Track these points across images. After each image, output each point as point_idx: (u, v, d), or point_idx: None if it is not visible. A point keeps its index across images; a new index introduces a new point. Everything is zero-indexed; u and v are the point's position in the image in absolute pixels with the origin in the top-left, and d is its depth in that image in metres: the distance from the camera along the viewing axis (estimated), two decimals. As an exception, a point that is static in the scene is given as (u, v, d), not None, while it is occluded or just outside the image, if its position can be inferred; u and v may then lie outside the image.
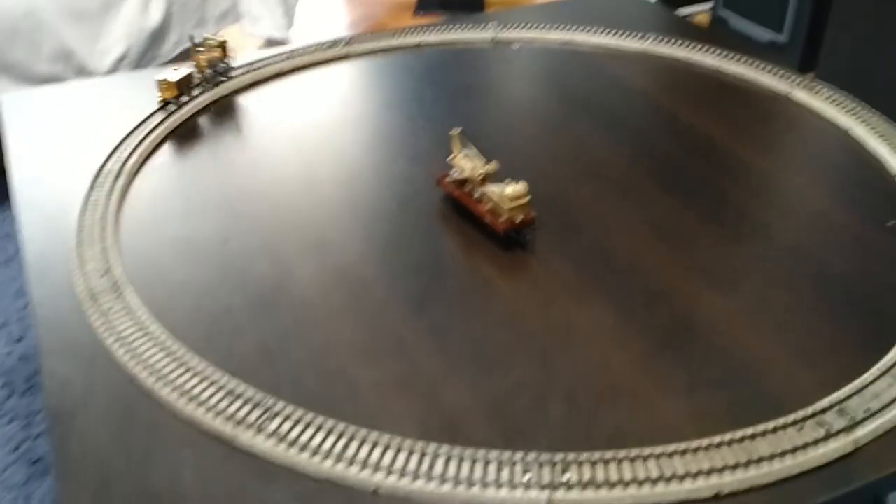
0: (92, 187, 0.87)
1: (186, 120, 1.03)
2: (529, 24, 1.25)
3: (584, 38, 1.23)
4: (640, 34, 1.21)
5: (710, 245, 0.82)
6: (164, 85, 1.01)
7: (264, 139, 1.01)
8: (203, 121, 1.04)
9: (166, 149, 0.98)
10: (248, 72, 1.12)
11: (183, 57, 1.75)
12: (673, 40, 1.19)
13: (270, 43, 1.89)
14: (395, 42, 1.23)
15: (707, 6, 2.80)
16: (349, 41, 1.21)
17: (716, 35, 1.25)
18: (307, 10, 2.79)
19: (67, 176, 0.91)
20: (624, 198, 0.90)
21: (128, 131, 0.97)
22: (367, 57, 1.21)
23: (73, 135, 1.00)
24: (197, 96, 1.04)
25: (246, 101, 1.09)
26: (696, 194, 0.90)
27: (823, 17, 2.27)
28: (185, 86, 1.03)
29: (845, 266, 0.79)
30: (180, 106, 1.02)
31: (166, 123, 0.99)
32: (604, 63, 1.19)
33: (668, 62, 1.18)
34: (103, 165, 0.91)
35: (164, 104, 1.01)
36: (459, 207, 0.86)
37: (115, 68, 1.62)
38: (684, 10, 2.89)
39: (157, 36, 1.67)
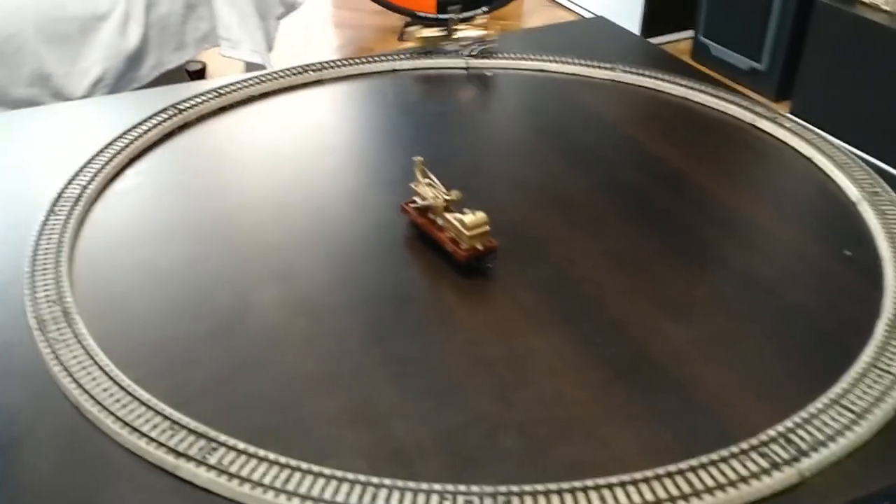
0: (49, 213, 0.87)
1: (151, 145, 1.03)
2: (502, 53, 1.26)
3: (556, 66, 1.24)
4: (610, 64, 1.22)
5: (670, 275, 0.82)
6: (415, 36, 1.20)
7: (230, 165, 1.01)
8: (168, 146, 1.04)
9: (129, 174, 0.98)
10: (218, 96, 1.12)
11: (161, 80, 1.75)
12: (643, 70, 1.20)
13: (250, 67, 1.89)
14: (368, 68, 1.24)
15: (689, 34, 2.84)
16: (322, 66, 1.22)
17: (684, 66, 1.26)
18: (294, 34, 2.80)
19: (28, 202, 0.90)
20: (587, 227, 0.90)
21: (90, 157, 0.97)
22: (339, 82, 1.22)
23: (37, 160, 1.00)
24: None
25: (214, 125, 1.09)
26: (658, 224, 0.90)
27: (799, 47, 2.31)
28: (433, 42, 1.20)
29: (800, 296, 0.79)
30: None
31: (130, 149, 0.99)
32: (574, 91, 1.19)
33: (638, 91, 1.19)
34: (63, 191, 0.90)
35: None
36: (424, 235, 0.87)
37: (91, 91, 1.63)
38: (667, 37, 2.92)
39: (135, 59, 1.67)
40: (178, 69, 1.80)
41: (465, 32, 1.26)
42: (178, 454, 0.60)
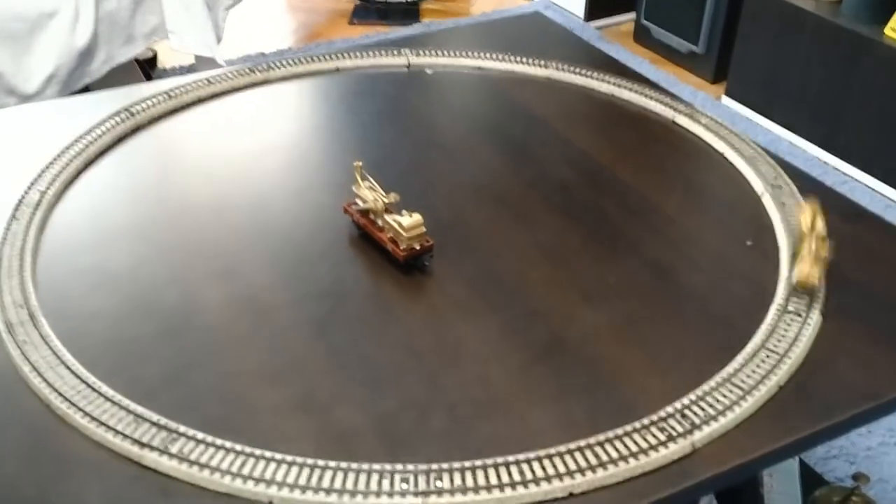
0: (11, 219, 0.92)
1: (106, 148, 1.08)
2: (443, 50, 1.33)
3: (493, 64, 1.31)
4: (544, 61, 1.29)
5: (587, 264, 0.91)
6: None
7: (179, 167, 1.06)
8: (121, 149, 1.09)
9: (85, 178, 1.03)
10: (169, 98, 1.17)
11: (111, 75, 1.78)
12: (575, 68, 1.28)
13: (199, 59, 1.93)
14: (313, 67, 1.29)
15: (631, 16, 2.92)
16: (268, 67, 1.27)
17: (614, 63, 1.34)
18: (245, 19, 2.82)
19: (-12, 208, 0.95)
20: (517, 221, 0.98)
21: (48, 161, 1.01)
22: (285, 82, 1.27)
23: (-6, 165, 1.04)
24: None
25: (165, 128, 1.14)
26: (581, 216, 0.98)
27: (734, 31, 2.40)
28: None
29: (702, 282, 0.88)
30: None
31: (85, 153, 1.04)
32: (509, 89, 1.26)
33: (569, 88, 1.26)
34: (23, 197, 0.95)
35: None
36: (366, 234, 0.93)
37: (43, 88, 1.65)
38: (611, 20, 3.00)
39: (86, 54, 1.70)
40: (129, 63, 1.83)
41: None
42: (143, 445, 0.67)
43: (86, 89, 1.78)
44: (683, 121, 1.16)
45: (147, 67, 2.29)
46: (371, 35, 2.77)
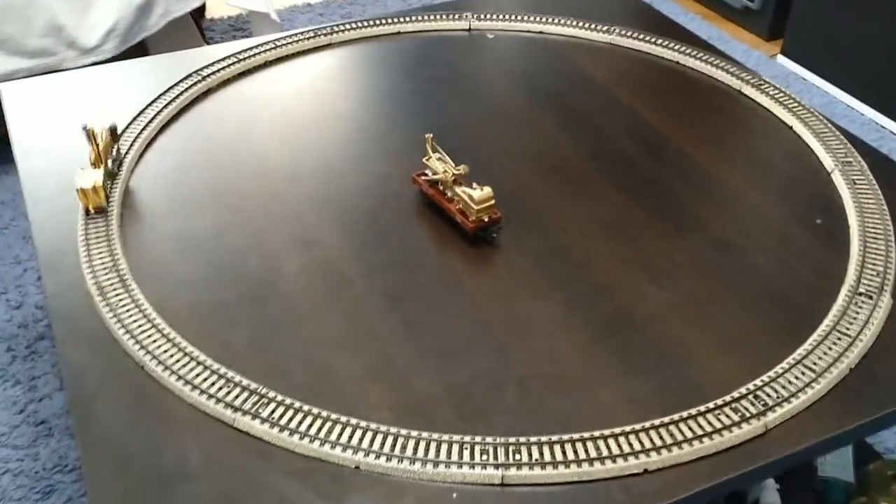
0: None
1: (179, 112, 1.10)
2: (504, 14, 1.32)
3: (555, 28, 1.30)
4: (607, 26, 1.28)
5: (651, 240, 0.92)
6: (84, 194, 0.90)
7: (249, 133, 1.08)
8: (194, 112, 1.11)
9: (161, 142, 1.05)
10: (237, 62, 1.19)
11: (166, 28, 1.79)
12: (637, 33, 1.26)
13: (253, 14, 1.93)
14: (374, 31, 1.30)
15: (684, -30, 2.84)
16: (331, 30, 1.28)
17: (679, 28, 1.32)
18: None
19: (70, 173, 0.98)
20: (580, 195, 0.99)
21: (124, 125, 1.04)
22: (348, 46, 1.28)
23: (74, 126, 1.07)
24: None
25: (234, 91, 1.16)
26: (644, 191, 0.99)
27: (792, -13, 2.34)
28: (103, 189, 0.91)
29: (770, 262, 0.89)
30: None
31: (160, 116, 1.07)
32: (572, 54, 1.26)
33: (632, 55, 1.26)
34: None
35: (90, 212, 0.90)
36: (433, 205, 0.95)
37: (103, 42, 1.67)
38: (662, -27, 2.93)
39: (144, 8, 1.71)
40: (185, 17, 1.83)
41: None
42: (235, 409, 0.70)
43: (142, 43, 1.80)
44: (751, 91, 1.15)
45: (197, 17, 2.30)
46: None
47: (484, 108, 1.15)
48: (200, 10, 2.43)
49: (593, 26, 1.29)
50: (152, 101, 1.09)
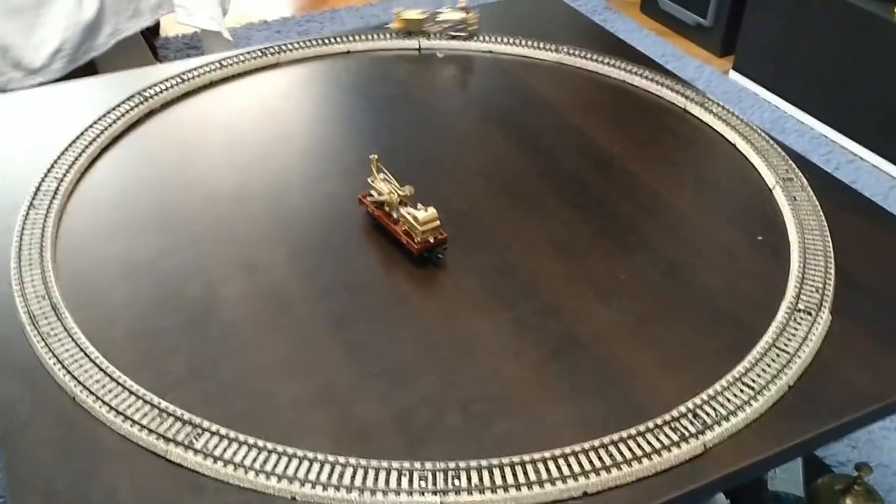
0: (30, 207, 0.92)
1: (120, 134, 1.08)
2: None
3: (503, 48, 1.31)
4: (555, 45, 1.29)
5: (599, 260, 0.92)
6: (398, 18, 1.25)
7: (194, 154, 1.07)
8: (135, 134, 1.09)
9: (101, 165, 1.03)
10: (181, 82, 1.17)
11: (117, 47, 1.77)
12: (585, 53, 1.27)
13: (204, 31, 1.91)
14: (323, 50, 1.29)
15: (638, -13, 2.88)
16: (279, 49, 1.27)
17: (626, 47, 1.34)
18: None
19: (6, 195, 0.96)
20: (529, 214, 0.99)
21: (63, 148, 1.02)
22: (297, 65, 1.27)
23: (10, 150, 1.04)
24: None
25: (178, 112, 1.14)
26: (592, 210, 0.99)
27: (742, 4, 2.38)
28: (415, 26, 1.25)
29: (713, 279, 0.89)
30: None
31: (101, 139, 1.05)
32: (520, 73, 1.26)
33: (580, 74, 1.26)
34: (40, 184, 0.96)
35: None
36: (381, 226, 0.94)
37: (50, 62, 1.64)
38: (617, -9, 2.97)
39: (92, 28, 1.69)
40: (135, 36, 1.81)
41: (447, 15, 1.32)
42: (168, 440, 0.68)
43: (91, 63, 1.77)
44: (695, 109, 1.16)
45: (150, 36, 2.27)
46: (375, 3, 2.74)
47: (434, 128, 1.15)
48: (154, 29, 2.41)
49: (541, 45, 1.29)
50: (92, 124, 1.07)
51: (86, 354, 0.75)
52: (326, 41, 1.29)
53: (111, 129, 1.07)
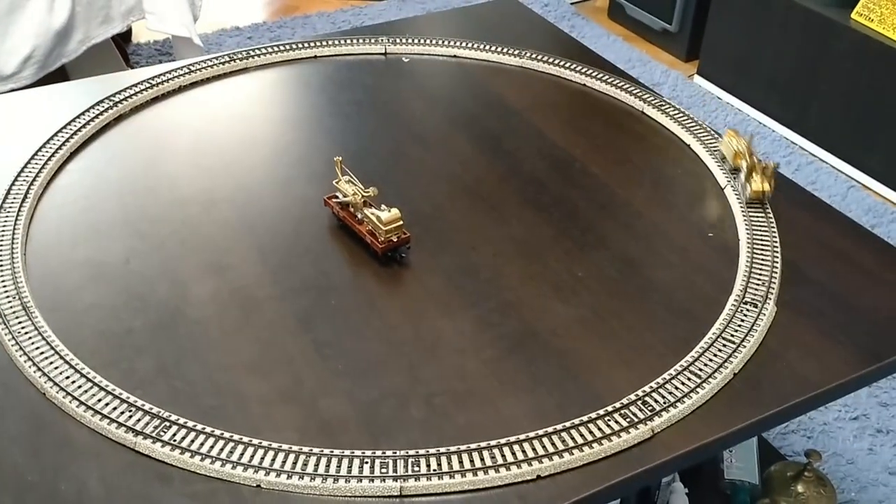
0: None
1: (89, 138, 1.10)
2: (419, 38, 1.35)
3: (468, 52, 1.34)
4: (518, 50, 1.32)
5: (558, 258, 0.95)
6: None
7: (163, 158, 1.09)
8: (105, 139, 1.11)
9: (71, 169, 1.05)
10: (150, 87, 1.19)
11: (87, 53, 1.78)
12: (547, 57, 1.31)
13: (176, 37, 1.93)
14: (292, 55, 1.32)
15: (606, -7, 2.94)
16: (248, 55, 1.29)
17: (586, 51, 1.38)
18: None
19: (-24, 199, 0.97)
20: (492, 214, 1.02)
21: (32, 152, 1.04)
22: (265, 70, 1.30)
23: (-20, 155, 1.06)
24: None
25: (147, 117, 1.16)
26: (553, 210, 1.03)
27: (706, 10, 2.44)
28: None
29: (665, 274, 0.93)
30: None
31: (70, 143, 1.06)
32: (485, 78, 1.30)
33: (543, 77, 1.30)
34: (10, 188, 0.98)
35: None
36: (347, 226, 0.97)
37: (20, 69, 1.65)
38: (585, -3, 3.02)
39: (63, 35, 1.70)
40: (106, 43, 1.83)
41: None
42: (136, 432, 0.71)
43: (62, 69, 1.78)
44: (652, 112, 1.20)
45: (122, 42, 2.28)
46: (346, 9, 2.77)
47: (400, 131, 1.18)
48: (126, 35, 2.42)
49: (505, 50, 1.33)
50: (61, 129, 1.08)
51: (56, 352, 0.78)
52: (294, 46, 1.32)
53: (80, 134, 1.09)
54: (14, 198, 0.97)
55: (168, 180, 1.05)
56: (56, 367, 0.76)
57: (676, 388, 0.77)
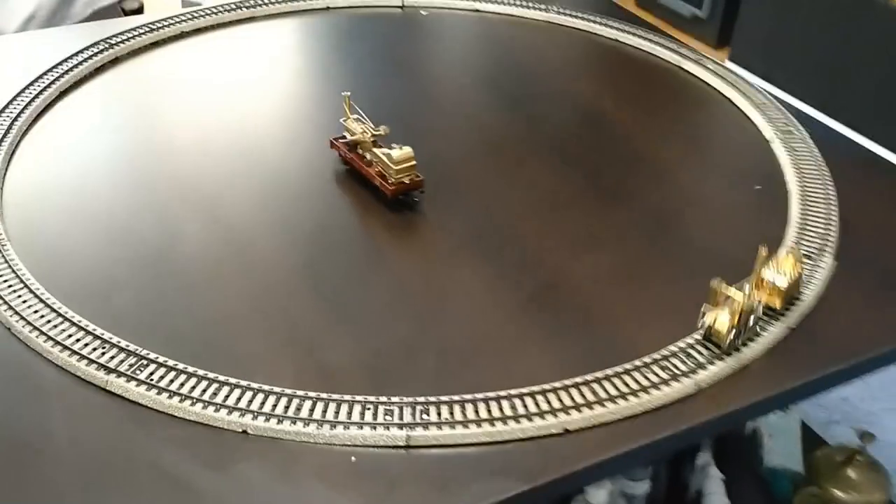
0: (-22, 144, 0.86)
1: (82, 79, 1.02)
2: (438, -9, 1.27)
3: (491, 6, 1.26)
4: (544, 5, 1.24)
5: (587, 212, 0.86)
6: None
7: (160, 101, 1.01)
8: (99, 80, 1.03)
9: (58, 108, 0.97)
10: (150, 31, 1.12)
11: (95, 18, 1.71)
12: (576, 11, 1.22)
13: (186, 3, 1.86)
14: (302, 5, 1.24)
15: (632, -19, 2.85)
16: (255, 4, 1.21)
17: (617, 8, 1.29)
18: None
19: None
20: (513, 168, 0.93)
21: (19, 88, 0.96)
22: (273, 20, 1.22)
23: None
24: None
25: (145, 61, 1.08)
26: (579, 163, 0.94)
27: (738, -4, 2.35)
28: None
29: (709, 227, 0.84)
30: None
31: (59, 83, 0.99)
32: (508, 32, 1.21)
33: (571, 33, 1.21)
34: (-8, 123, 0.90)
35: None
36: (354, 171, 0.88)
37: (24, 28, 1.59)
38: (610, -14, 2.94)
39: (68, -4, 1.63)
40: (113, 7, 1.76)
41: None
42: (109, 370, 0.62)
43: (69, 33, 1.71)
44: (690, 66, 1.11)
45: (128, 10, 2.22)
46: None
47: (416, 84, 1.09)
48: (139, 10, 2.36)
49: (530, 4, 1.24)
50: (52, 67, 1.01)
51: (25, 284, 0.69)
52: (306, -3, 1.24)
53: (72, 74, 1.01)
54: (-5, 132, 0.89)
55: (163, 125, 0.97)
56: (24, 301, 0.68)
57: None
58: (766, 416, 0.90)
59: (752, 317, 0.67)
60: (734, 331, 0.66)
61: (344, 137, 0.89)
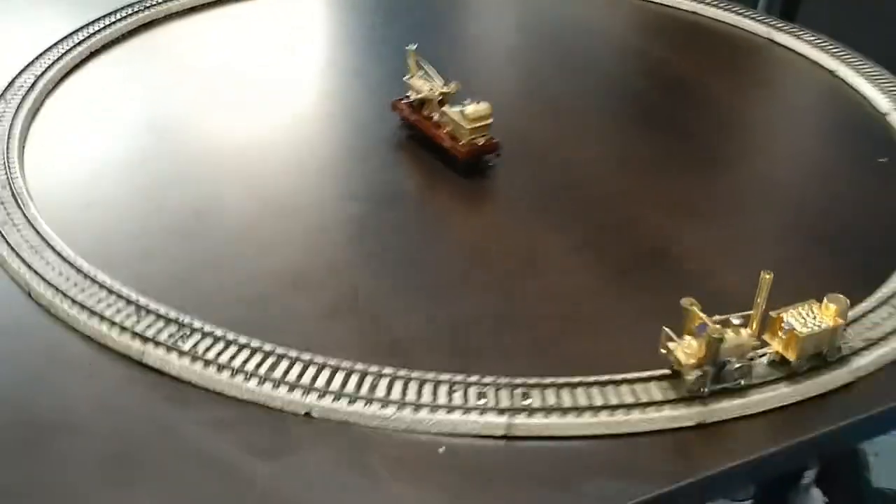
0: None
1: (115, 39, 0.93)
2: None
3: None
4: (615, -22, 1.14)
5: (678, 178, 0.76)
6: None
7: (199, 64, 0.91)
8: (134, 42, 0.94)
9: (90, 67, 0.88)
10: (190, -3, 1.03)
11: None
12: (647, -17, 1.12)
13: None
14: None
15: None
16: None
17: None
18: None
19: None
20: (590, 131, 0.84)
21: (47, 46, 0.87)
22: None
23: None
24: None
25: (183, 24, 0.99)
26: (666, 128, 0.83)
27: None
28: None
29: (825, 200, 0.73)
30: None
31: (90, 41, 0.90)
32: (575, 9, 1.11)
33: (644, 6, 1.11)
34: (14, 80, 0.81)
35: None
36: (417, 135, 0.78)
37: None
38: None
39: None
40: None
41: None
42: (146, 340, 0.52)
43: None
44: (783, 38, 1.00)
45: None
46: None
47: (479, 47, 1.01)
48: None
49: (603, -23, 1.14)
50: (83, 26, 0.92)
51: (47, 243, 0.59)
52: (356, -34, 1.15)
53: (104, 34, 0.92)
54: (17, 90, 0.80)
55: (200, 86, 0.87)
56: (47, 262, 0.58)
57: (876, 324, 0.57)
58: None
59: (737, 362, 0.50)
60: (700, 371, 0.49)
61: (406, 98, 0.79)
